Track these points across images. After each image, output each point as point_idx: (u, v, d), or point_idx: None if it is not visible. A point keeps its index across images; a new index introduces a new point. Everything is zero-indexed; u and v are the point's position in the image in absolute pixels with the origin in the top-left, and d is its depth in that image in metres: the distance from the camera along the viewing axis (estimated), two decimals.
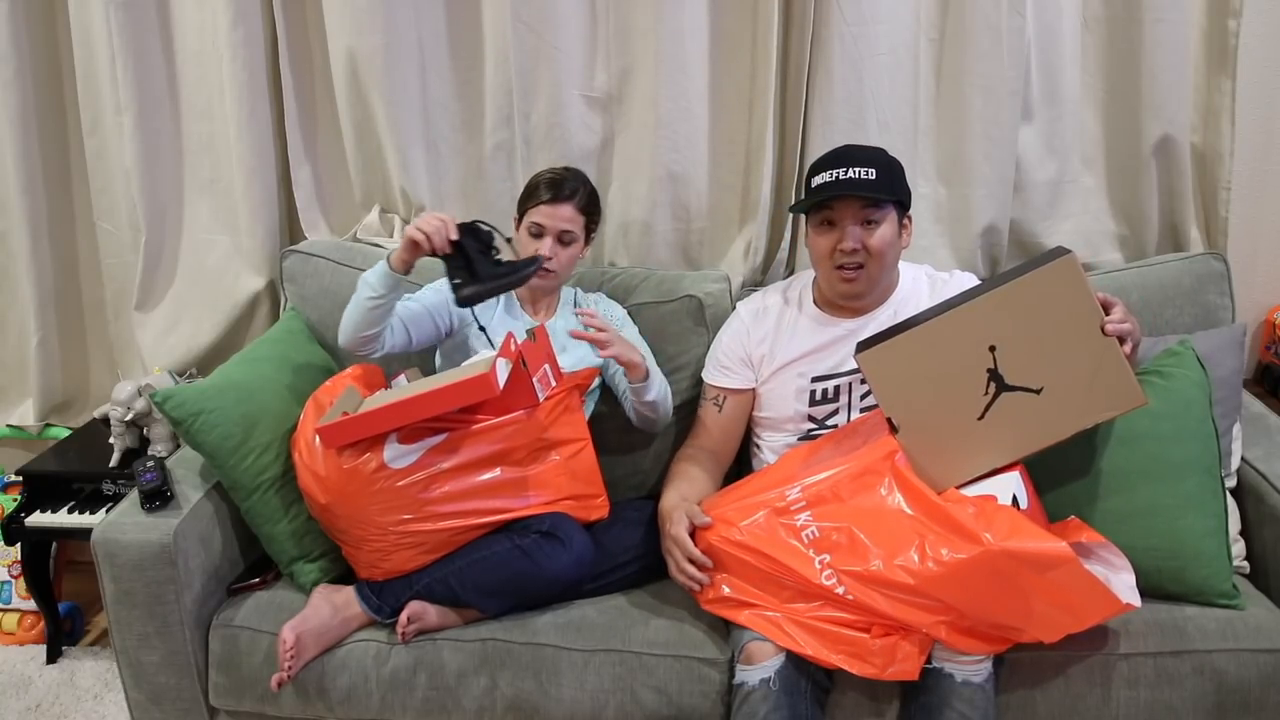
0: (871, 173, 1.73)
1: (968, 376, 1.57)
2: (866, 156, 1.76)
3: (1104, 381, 1.54)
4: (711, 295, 2.10)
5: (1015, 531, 1.47)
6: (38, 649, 2.38)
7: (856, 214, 1.73)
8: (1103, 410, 1.57)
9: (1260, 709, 1.60)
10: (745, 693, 1.54)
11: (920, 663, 1.52)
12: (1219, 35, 2.09)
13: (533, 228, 1.93)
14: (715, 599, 1.64)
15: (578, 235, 1.95)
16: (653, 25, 2.14)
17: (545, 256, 1.89)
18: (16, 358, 2.53)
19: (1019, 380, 1.56)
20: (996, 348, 1.55)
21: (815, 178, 1.78)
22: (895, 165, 1.80)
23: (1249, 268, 2.21)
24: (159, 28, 2.27)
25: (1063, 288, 1.52)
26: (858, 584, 1.53)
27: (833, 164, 1.76)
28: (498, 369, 1.66)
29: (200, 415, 1.77)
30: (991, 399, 1.57)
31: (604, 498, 1.88)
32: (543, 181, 1.94)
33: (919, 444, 1.60)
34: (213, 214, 2.38)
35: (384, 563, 1.75)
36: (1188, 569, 1.68)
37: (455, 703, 1.71)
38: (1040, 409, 1.56)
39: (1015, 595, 1.47)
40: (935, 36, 2.15)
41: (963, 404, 1.58)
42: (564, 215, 1.91)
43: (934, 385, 1.58)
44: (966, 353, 1.57)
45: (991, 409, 1.57)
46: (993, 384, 1.57)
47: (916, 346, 1.58)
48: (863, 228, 1.74)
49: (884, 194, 1.73)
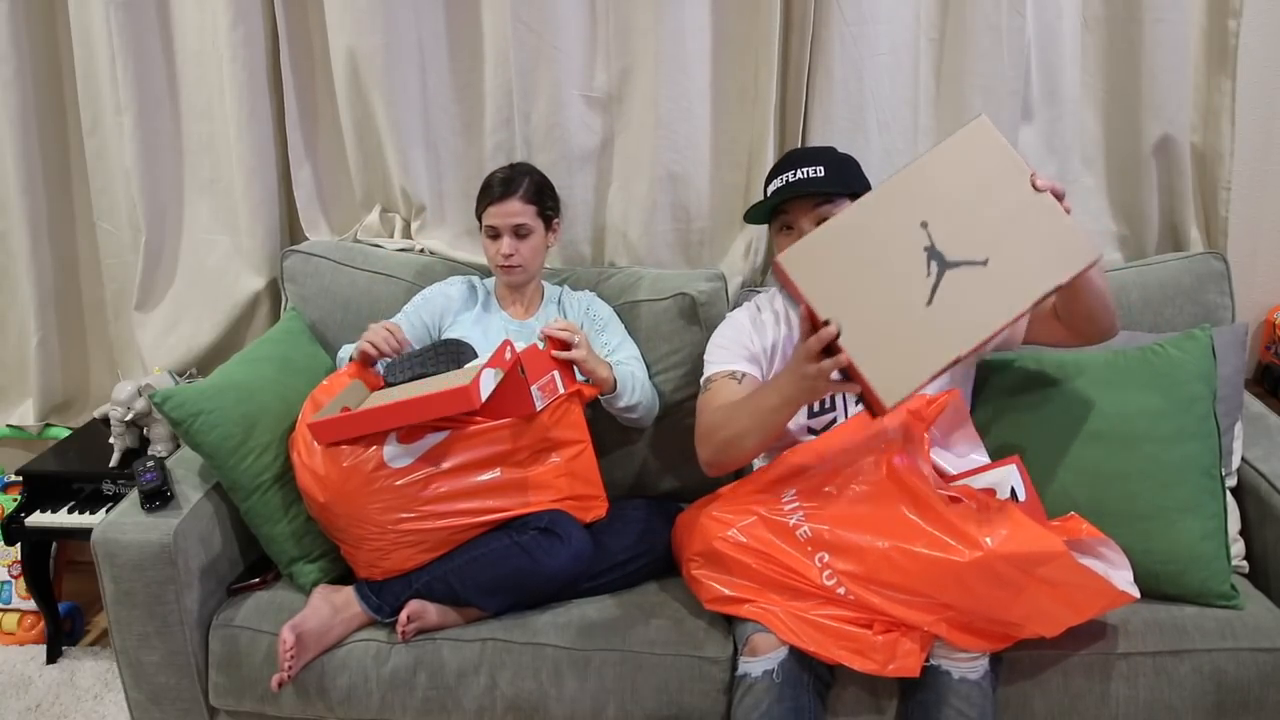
0: (820, 170, 1.75)
1: (904, 260, 1.42)
2: (812, 155, 1.80)
3: (1050, 241, 1.44)
4: (705, 293, 2.10)
5: (1013, 532, 1.47)
6: (38, 649, 2.38)
7: (809, 213, 1.75)
8: (1057, 272, 1.45)
9: (1260, 708, 1.60)
10: (748, 684, 1.55)
11: (921, 659, 1.52)
12: (1219, 35, 2.09)
13: (488, 230, 2.00)
14: (718, 598, 1.65)
15: (532, 226, 1.98)
16: (653, 25, 2.15)
17: (507, 252, 1.97)
18: (16, 358, 2.53)
19: (961, 254, 1.42)
20: (928, 223, 1.43)
21: (769, 185, 1.81)
22: (846, 160, 1.83)
23: (1249, 268, 2.21)
24: (159, 28, 2.28)
25: (981, 150, 1.46)
26: (856, 584, 1.53)
27: (781, 169, 1.80)
28: (481, 381, 1.65)
29: (200, 415, 1.77)
30: (936, 280, 1.42)
31: (603, 499, 1.88)
32: (490, 183, 2.00)
33: (866, 347, 1.40)
34: (213, 214, 2.38)
35: (383, 562, 1.75)
36: (1186, 572, 1.69)
37: (455, 702, 1.71)
38: (991, 282, 1.42)
39: (1014, 593, 1.47)
40: (935, 36, 2.15)
41: (905, 291, 1.42)
42: (512, 210, 1.96)
43: (869, 276, 1.42)
44: (897, 234, 1.43)
45: (939, 291, 1.42)
46: (933, 263, 1.42)
47: (840, 236, 1.43)
48: (818, 224, 1.69)
49: (833, 188, 1.75)
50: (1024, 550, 1.45)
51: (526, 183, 1.99)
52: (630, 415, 1.96)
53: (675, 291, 2.10)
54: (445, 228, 2.36)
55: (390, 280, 2.19)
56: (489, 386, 1.67)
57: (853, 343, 1.40)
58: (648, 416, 2.00)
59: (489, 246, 2.01)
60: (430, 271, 2.22)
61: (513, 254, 1.97)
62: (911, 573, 1.49)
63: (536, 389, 1.75)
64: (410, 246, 2.33)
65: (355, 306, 2.17)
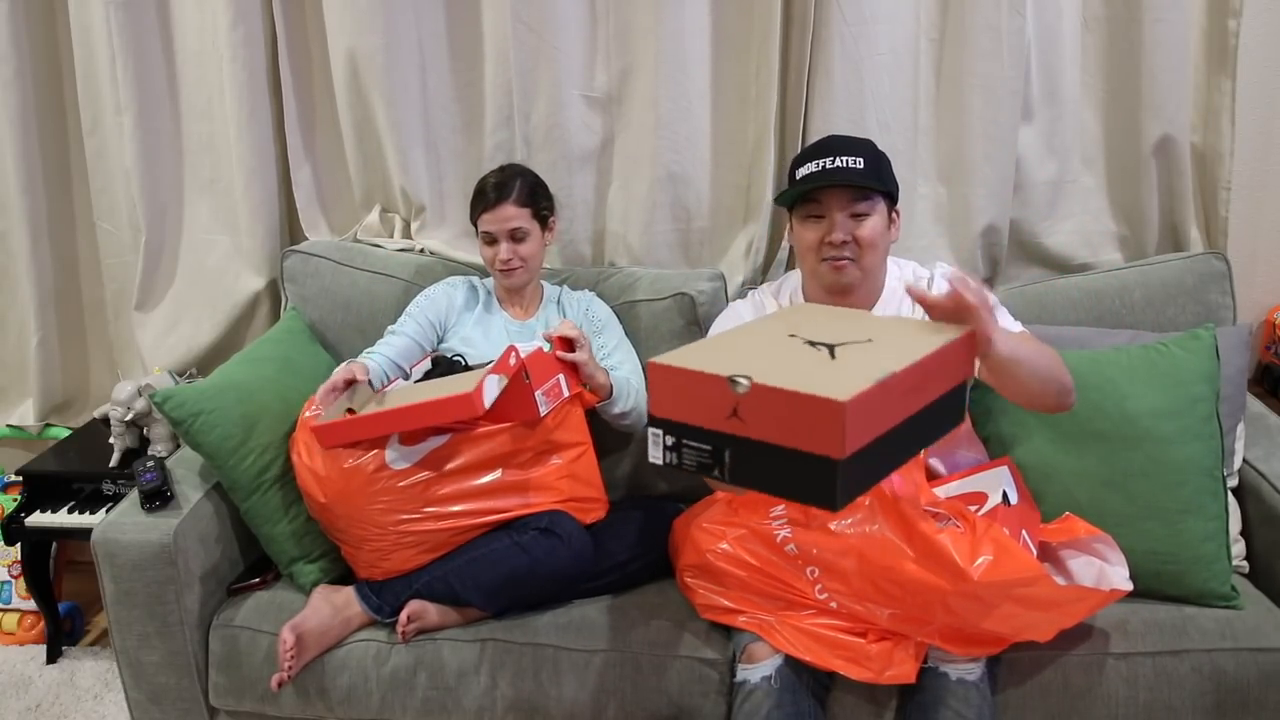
0: (860, 162, 1.67)
1: (788, 352, 1.25)
2: (854, 145, 1.71)
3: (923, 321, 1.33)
4: (704, 293, 2.10)
5: (998, 559, 1.43)
6: (38, 649, 2.38)
7: (845, 205, 1.67)
8: (949, 329, 1.30)
9: (1259, 708, 1.60)
10: (747, 691, 1.55)
11: (916, 666, 1.52)
12: (1219, 35, 2.09)
13: (484, 236, 1.98)
14: (712, 607, 1.64)
15: (528, 229, 1.97)
16: (653, 25, 2.14)
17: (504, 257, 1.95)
18: (16, 358, 2.53)
19: (840, 340, 1.27)
20: (795, 335, 1.29)
21: (800, 168, 1.71)
22: (883, 156, 1.75)
23: (1249, 268, 2.21)
24: (159, 28, 2.28)
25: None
26: (846, 599, 1.53)
27: (819, 154, 1.69)
28: (485, 387, 1.65)
29: (200, 415, 1.77)
30: (830, 353, 1.25)
31: (604, 500, 1.88)
32: (482, 189, 1.98)
33: (790, 378, 1.14)
34: (213, 214, 2.38)
35: (384, 562, 1.75)
36: (1187, 573, 1.69)
37: (455, 703, 1.71)
38: (887, 344, 1.26)
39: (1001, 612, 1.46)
40: (935, 36, 2.15)
41: (801, 360, 1.22)
42: (507, 215, 1.94)
43: (758, 360, 1.21)
44: (771, 342, 1.28)
45: (838, 355, 1.24)
46: (820, 347, 1.26)
47: (708, 351, 1.26)
48: (852, 219, 1.68)
49: (873, 183, 1.67)
50: (1006, 578, 1.43)
51: (519, 185, 1.97)
52: (623, 422, 1.97)
53: (674, 291, 2.10)
54: (445, 228, 2.36)
55: (390, 280, 2.19)
56: (493, 393, 1.67)
57: (773, 378, 1.14)
58: (639, 424, 2.00)
59: (486, 252, 2.00)
60: (430, 271, 2.22)
61: (510, 258, 1.96)
62: (896, 596, 1.48)
63: (541, 394, 1.74)
64: (410, 246, 2.33)
65: (355, 306, 2.18)
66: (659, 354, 1.22)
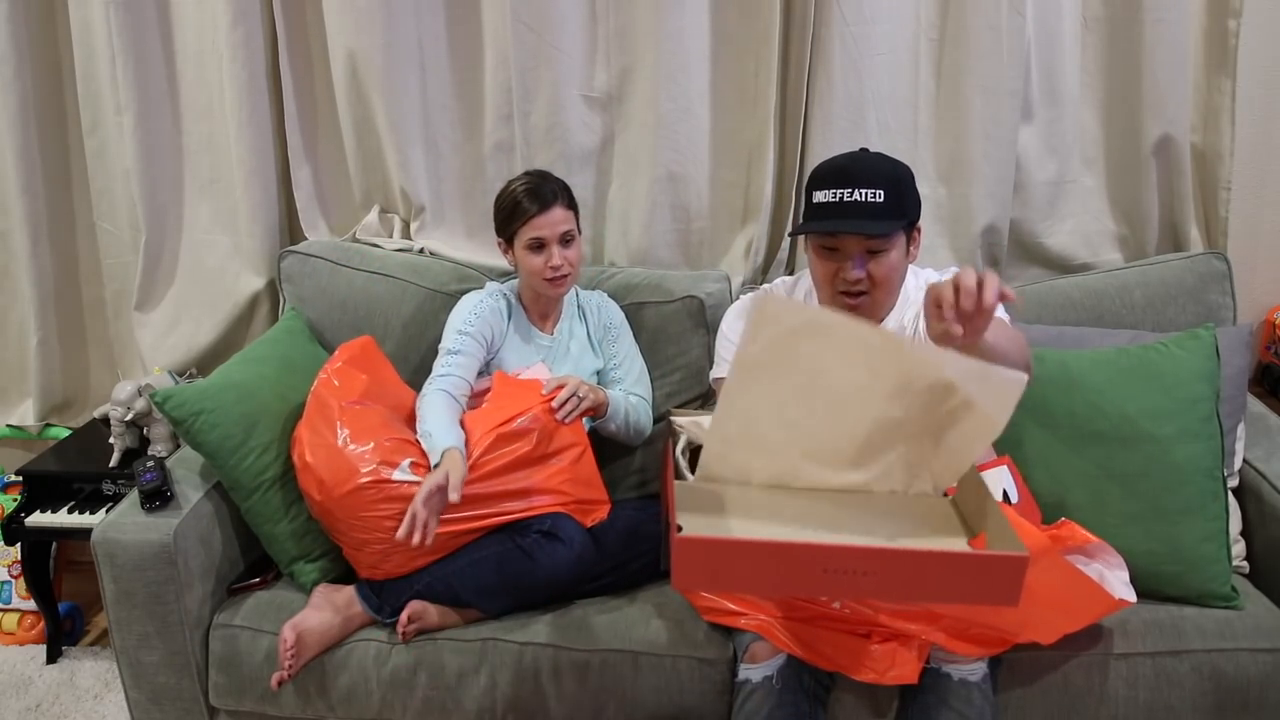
0: (879, 195, 1.54)
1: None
2: (873, 173, 1.57)
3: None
4: (712, 295, 2.11)
5: None
6: (38, 649, 2.38)
7: (861, 243, 1.57)
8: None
9: (1259, 708, 1.60)
10: (748, 690, 1.55)
11: (919, 667, 1.52)
12: (1219, 35, 2.09)
13: (532, 243, 1.89)
14: (713, 609, 1.64)
15: (575, 231, 1.95)
16: (653, 25, 2.14)
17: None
18: (16, 358, 2.53)
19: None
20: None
21: (817, 193, 1.60)
22: (904, 178, 1.62)
23: (1249, 268, 2.21)
24: (159, 28, 2.27)
25: None
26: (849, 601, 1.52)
27: (837, 181, 1.57)
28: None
29: (200, 415, 1.77)
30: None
31: (606, 501, 1.88)
32: (521, 197, 1.89)
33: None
34: (213, 214, 2.38)
35: (385, 563, 1.75)
36: (1187, 573, 1.69)
37: (455, 703, 1.71)
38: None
39: None
40: (935, 36, 2.15)
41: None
42: (557, 219, 1.90)
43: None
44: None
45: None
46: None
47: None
48: (867, 254, 1.58)
49: (893, 219, 1.55)
50: None
51: (561, 188, 1.93)
52: (618, 433, 1.98)
53: (684, 294, 2.10)
54: (444, 228, 2.36)
55: (388, 280, 2.19)
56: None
57: None
58: (633, 440, 2.01)
59: (531, 261, 1.89)
60: (429, 272, 2.21)
61: (561, 264, 1.89)
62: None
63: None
64: (408, 247, 2.33)
65: (352, 306, 2.17)
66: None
